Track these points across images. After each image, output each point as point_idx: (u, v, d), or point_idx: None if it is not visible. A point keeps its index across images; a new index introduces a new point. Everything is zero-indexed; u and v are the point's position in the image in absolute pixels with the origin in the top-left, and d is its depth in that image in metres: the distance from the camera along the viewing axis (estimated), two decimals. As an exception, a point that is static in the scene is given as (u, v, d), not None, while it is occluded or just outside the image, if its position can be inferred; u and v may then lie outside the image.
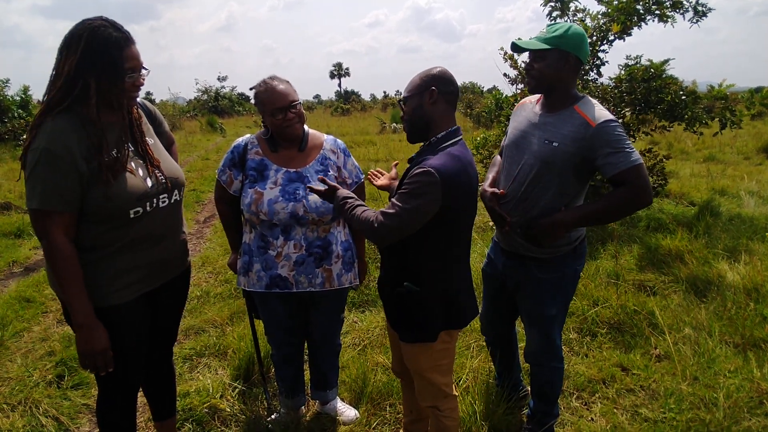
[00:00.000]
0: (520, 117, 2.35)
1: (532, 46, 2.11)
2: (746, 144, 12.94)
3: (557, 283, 2.32)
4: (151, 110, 2.19)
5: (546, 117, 2.20)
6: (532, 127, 2.23)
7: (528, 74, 2.18)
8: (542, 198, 2.18)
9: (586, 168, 2.13)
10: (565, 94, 2.17)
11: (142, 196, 1.87)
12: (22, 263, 5.47)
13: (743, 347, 3.36)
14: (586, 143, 2.05)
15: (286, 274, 2.37)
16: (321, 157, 2.44)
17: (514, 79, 6.78)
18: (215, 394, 2.94)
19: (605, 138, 2.02)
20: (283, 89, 2.30)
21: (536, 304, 2.37)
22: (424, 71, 1.97)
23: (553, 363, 2.47)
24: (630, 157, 2.00)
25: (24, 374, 3.26)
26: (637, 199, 2.03)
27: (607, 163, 2.02)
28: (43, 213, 1.74)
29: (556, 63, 2.09)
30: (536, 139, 2.19)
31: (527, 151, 2.21)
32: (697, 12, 6.44)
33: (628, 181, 2.00)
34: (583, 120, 2.07)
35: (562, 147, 2.09)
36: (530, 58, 2.15)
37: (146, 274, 2.00)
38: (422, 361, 2.04)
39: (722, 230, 5.67)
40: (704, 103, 6.34)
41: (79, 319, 1.79)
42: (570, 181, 2.15)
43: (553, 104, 2.20)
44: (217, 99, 34.35)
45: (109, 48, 1.74)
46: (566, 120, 2.12)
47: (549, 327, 2.41)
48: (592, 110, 2.09)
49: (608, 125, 2.03)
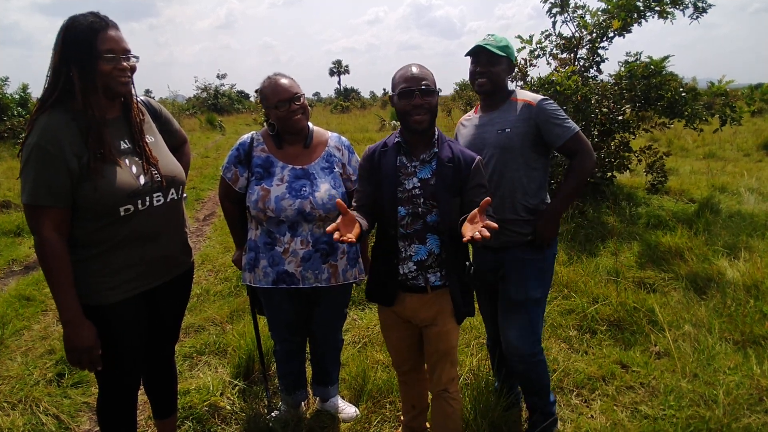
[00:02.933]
0: (465, 131, 2.57)
1: (496, 51, 2.34)
2: (746, 141, 12.93)
3: (540, 264, 2.44)
4: (156, 108, 2.18)
5: (491, 115, 2.46)
6: (482, 128, 2.47)
7: (483, 76, 2.38)
8: (515, 180, 2.38)
9: (540, 142, 2.38)
10: (504, 92, 2.46)
11: (132, 193, 1.87)
12: (21, 261, 5.47)
13: (743, 344, 3.36)
14: (533, 120, 2.34)
15: (293, 270, 2.37)
16: (326, 154, 2.46)
17: (514, 76, 6.78)
18: (215, 392, 2.95)
19: (547, 112, 2.34)
20: (286, 82, 2.34)
21: (522, 287, 2.42)
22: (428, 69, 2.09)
23: (536, 357, 2.48)
24: (570, 126, 2.34)
25: (24, 372, 3.26)
26: (589, 162, 2.37)
27: (554, 134, 2.34)
28: (34, 208, 1.75)
29: (506, 67, 2.41)
30: (489, 134, 2.42)
31: (485, 147, 2.40)
32: (697, 8, 6.43)
33: (577, 148, 2.34)
34: (524, 103, 2.39)
35: (515, 130, 2.36)
36: (486, 61, 2.36)
37: (142, 272, 1.99)
38: (454, 338, 2.20)
39: (722, 227, 5.67)
40: (704, 100, 6.33)
41: (66, 316, 1.79)
42: (533, 157, 2.39)
43: (494, 103, 2.46)
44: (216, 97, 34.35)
45: (84, 32, 1.75)
46: (510, 109, 2.41)
47: (533, 312, 2.45)
48: (526, 94, 2.43)
49: (546, 101, 2.37)
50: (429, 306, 2.14)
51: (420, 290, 2.12)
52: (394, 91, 2.07)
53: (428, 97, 2.00)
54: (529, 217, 2.40)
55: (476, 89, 2.46)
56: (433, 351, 2.20)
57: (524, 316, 2.44)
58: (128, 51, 1.85)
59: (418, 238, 2.07)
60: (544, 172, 2.47)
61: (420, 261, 2.08)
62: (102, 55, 1.77)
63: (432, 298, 2.13)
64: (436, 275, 2.10)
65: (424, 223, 2.05)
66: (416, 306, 2.14)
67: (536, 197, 2.42)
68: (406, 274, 2.10)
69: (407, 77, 2.02)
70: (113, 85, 1.83)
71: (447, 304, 2.14)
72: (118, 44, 1.81)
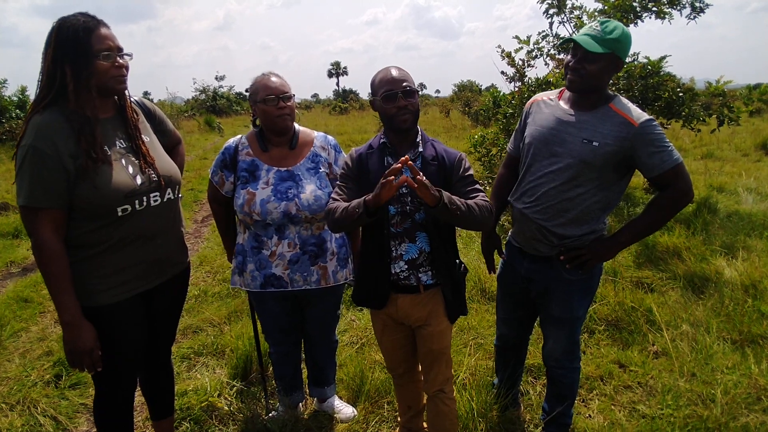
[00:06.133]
0: (543, 114, 2.25)
1: (592, 47, 1.99)
2: (744, 141, 12.94)
3: (587, 283, 2.29)
4: (150, 108, 2.18)
5: (581, 115, 2.13)
6: (564, 125, 2.15)
7: (574, 72, 2.07)
8: (582, 200, 2.13)
9: (624, 166, 2.11)
10: (602, 93, 2.13)
11: (130, 193, 1.86)
12: (19, 263, 5.47)
13: (741, 343, 3.36)
14: (629, 143, 2.02)
15: (281, 273, 2.37)
16: (312, 155, 2.44)
17: (512, 77, 6.78)
18: (213, 393, 2.94)
19: (649, 137, 2.01)
20: (277, 80, 2.33)
21: (566, 306, 2.29)
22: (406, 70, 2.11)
23: (574, 364, 2.45)
24: (672, 155, 2.01)
25: (22, 374, 3.26)
26: (683, 201, 2.08)
27: (651, 162, 2.02)
28: (31, 210, 1.75)
29: (607, 66, 2.05)
30: (572, 137, 2.11)
31: (562, 150, 2.13)
32: (695, 8, 6.45)
33: (672, 182, 2.03)
34: (623, 119, 2.04)
35: (604, 147, 2.05)
36: (580, 56, 2.04)
37: (139, 273, 1.98)
38: (447, 338, 2.21)
39: (720, 227, 5.67)
40: (702, 100, 6.34)
41: (66, 318, 1.79)
42: (610, 178, 2.12)
43: (588, 103, 2.13)
44: (215, 98, 34.32)
45: (78, 31, 1.75)
46: (604, 119, 2.08)
47: (576, 328, 2.37)
48: (629, 109, 2.08)
49: (650, 124, 2.02)
50: (422, 306, 2.14)
51: (412, 290, 2.13)
52: (376, 95, 2.09)
53: (411, 98, 2.03)
54: (578, 235, 2.18)
55: (566, 85, 2.15)
56: (427, 351, 2.20)
57: (568, 330, 2.37)
58: (122, 49, 1.86)
59: (408, 237, 2.08)
60: (617, 194, 2.19)
61: (411, 260, 2.09)
62: (99, 54, 1.77)
63: (424, 298, 2.13)
64: (428, 274, 2.12)
65: (413, 221, 2.07)
66: (409, 306, 2.15)
67: (598, 219, 2.18)
68: (398, 273, 2.10)
69: (388, 80, 2.04)
70: (111, 83, 1.84)
71: (439, 303, 2.15)
72: (112, 42, 1.81)
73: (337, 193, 2.11)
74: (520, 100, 6.34)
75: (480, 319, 3.76)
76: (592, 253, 2.16)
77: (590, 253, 2.16)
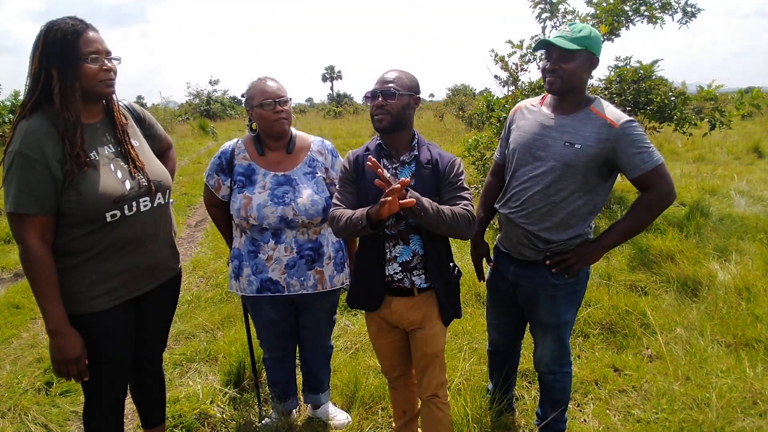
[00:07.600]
0: (527, 120, 2.27)
1: (566, 45, 2.01)
2: (736, 144, 13.01)
3: (573, 287, 2.29)
4: (139, 113, 2.16)
5: (563, 119, 2.15)
6: (547, 129, 2.17)
7: (552, 74, 2.08)
8: (567, 203, 2.14)
9: (607, 168, 2.12)
10: (580, 95, 2.15)
11: (119, 198, 1.84)
12: (11, 269, 5.42)
13: (735, 347, 3.37)
14: (610, 144, 2.04)
15: (277, 277, 2.35)
16: (308, 159, 2.44)
17: (505, 81, 6.79)
18: (205, 400, 2.91)
19: (630, 138, 2.02)
20: (273, 84, 2.32)
21: (554, 311, 2.30)
22: (409, 73, 2.09)
23: (564, 369, 2.44)
24: (653, 156, 2.02)
25: (13, 381, 3.23)
26: (666, 201, 2.09)
27: (632, 163, 2.03)
28: (17, 216, 1.73)
29: (583, 64, 2.07)
30: (554, 141, 2.13)
31: (545, 153, 2.15)
32: (686, 13, 6.48)
33: (654, 183, 2.04)
34: (604, 121, 2.06)
35: (586, 149, 2.06)
36: (555, 57, 2.07)
37: (129, 279, 1.96)
38: (441, 341, 2.21)
39: (713, 230, 5.69)
40: (694, 104, 6.37)
41: (52, 326, 1.77)
42: (594, 180, 2.13)
43: (568, 106, 2.16)
44: (208, 103, 34.22)
45: (66, 34, 1.74)
46: (585, 121, 2.10)
47: (564, 333, 2.37)
48: (610, 111, 2.10)
49: (631, 125, 2.04)
50: (416, 309, 2.14)
51: (406, 293, 2.13)
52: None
53: (389, 99, 2.01)
54: (566, 239, 2.19)
55: (546, 88, 2.15)
56: (421, 355, 2.20)
57: (556, 335, 2.36)
58: (111, 52, 1.85)
59: (402, 239, 2.09)
60: (603, 197, 2.20)
61: (405, 262, 2.10)
62: (87, 57, 1.76)
63: (418, 301, 2.13)
64: (421, 277, 2.12)
65: (406, 224, 2.08)
66: (403, 309, 2.14)
67: (584, 222, 2.19)
68: (392, 275, 2.10)
69: (377, 80, 2.07)
70: (98, 87, 1.82)
71: (433, 306, 2.15)
72: (100, 46, 1.80)
73: (338, 198, 2.12)
74: (513, 104, 6.35)
75: (474, 324, 3.75)
76: (578, 256, 2.18)
77: (575, 257, 2.18)
